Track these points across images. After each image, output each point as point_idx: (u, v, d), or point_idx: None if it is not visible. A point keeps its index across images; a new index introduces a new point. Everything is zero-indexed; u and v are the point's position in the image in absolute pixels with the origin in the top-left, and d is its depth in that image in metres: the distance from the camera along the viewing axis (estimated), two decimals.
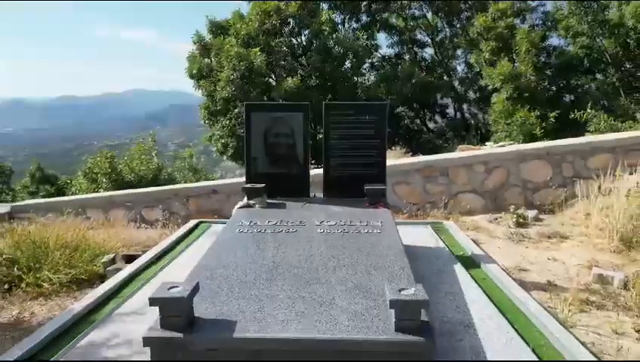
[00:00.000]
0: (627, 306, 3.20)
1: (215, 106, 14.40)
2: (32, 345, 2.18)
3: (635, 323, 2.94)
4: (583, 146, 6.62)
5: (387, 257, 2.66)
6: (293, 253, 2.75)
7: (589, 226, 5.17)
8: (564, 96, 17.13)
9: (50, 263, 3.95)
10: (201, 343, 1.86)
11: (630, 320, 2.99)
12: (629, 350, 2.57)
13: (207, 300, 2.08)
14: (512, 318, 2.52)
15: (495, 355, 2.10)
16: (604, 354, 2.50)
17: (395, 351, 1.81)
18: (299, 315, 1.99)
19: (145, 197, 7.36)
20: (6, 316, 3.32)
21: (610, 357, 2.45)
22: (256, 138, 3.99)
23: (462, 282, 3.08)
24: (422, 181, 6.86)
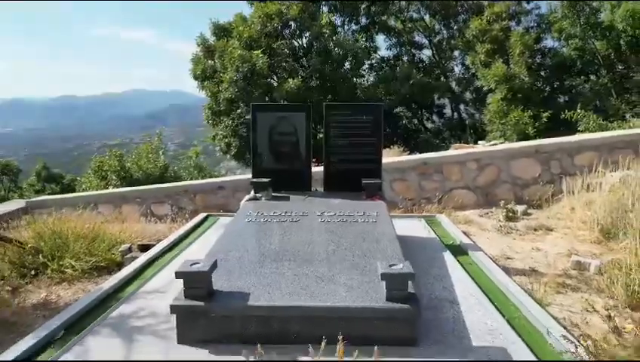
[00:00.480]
0: (600, 289, 3.47)
1: (218, 107, 14.70)
2: (69, 316, 2.47)
3: (606, 303, 3.22)
4: (570, 145, 6.89)
5: (381, 242, 2.95)
6: (297, 239, 3.03)
7: (573, 220, 5.43)
8: (558, 96, 17.44)
9: (71, 252, 4.23)
10: (219, 311, 2.14)
11: (601, 301, 3.26)
12: (589, 321, 2.85)
13: (222, 276, 2.36)
14: (492, 296, 2.81)
15: (473, 325, 2.38)
16: (572, 325, 2.78)
17: (386, 317, 2.09)
18: (303, 288, 2.28)
19: (154, 193, 7.64)
20: (35, 298, 3.60)
21: (578, 330, 2.73)
22: (261, 136, 4.28)
23: (449, 267, 3.38)
24: (417, 178, 7.13)
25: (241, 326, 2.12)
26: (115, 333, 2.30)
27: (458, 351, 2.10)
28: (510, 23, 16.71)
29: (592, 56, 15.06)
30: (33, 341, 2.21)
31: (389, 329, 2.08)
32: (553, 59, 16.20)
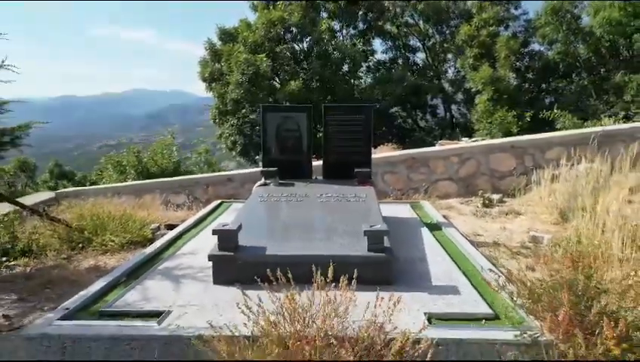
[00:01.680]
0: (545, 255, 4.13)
1: (225, 107, 15.35)
2: (126, 268, 3.14)
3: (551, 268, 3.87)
4: (541, 141, 7.55)
5: (367, 215, 3.60)
6: (301, 214, 3.70)
7: (539, 205, 6.09)
8: (545, 97, 18.07)
9: (110, 230, 4.88)
10: (243, 258, 2.80)
11: None
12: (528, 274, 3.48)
13: (244, 236, 3.01)
14: (454, 257, 3.46)
15: (436, 274, 3.04)
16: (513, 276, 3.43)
17: (367, 262, 2.75)
18: (306, 244, 2.94)
19: (171, 184, 8.29)
20: (86, 264, 4.24)
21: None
22: (270, 132, 4.93)
23: (425, 238, 4.03)
24: (406, 170, 7.78)
25: (260, 270, 2.77)
26: (165, 278, 2.97)
27: (421, 288, 2.76)
28: (499, 28, 17.34)
29: (574, 60, 15.69)
30: (103, 283, 2.87)
31: (370, 273, 2.73)
32: (539, 63, 16.86)
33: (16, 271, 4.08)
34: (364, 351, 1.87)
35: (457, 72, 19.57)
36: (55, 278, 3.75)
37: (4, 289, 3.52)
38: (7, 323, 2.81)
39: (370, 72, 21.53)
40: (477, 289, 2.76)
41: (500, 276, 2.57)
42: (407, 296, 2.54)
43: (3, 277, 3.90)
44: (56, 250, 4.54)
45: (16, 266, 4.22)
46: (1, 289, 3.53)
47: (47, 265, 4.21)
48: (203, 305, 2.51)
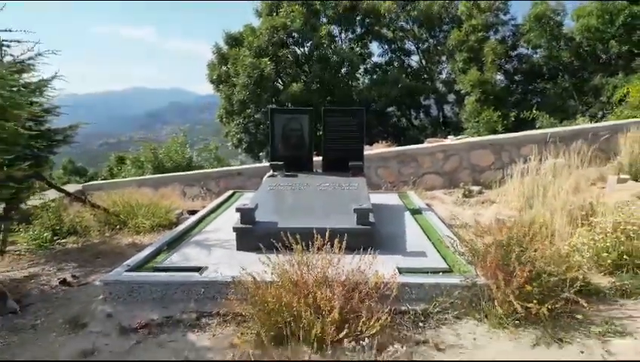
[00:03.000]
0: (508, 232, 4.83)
1: (232, 107, 16.04)
2: (165, 240, 3.84)
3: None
4: (516, 139, 8.24)
5: (358, 200, 4.30)
6: (304, 199, 4.39)
7: (511, 195, 6.78)
8: (532, 98, 18.72)
9: (140, 215, 5.58)
10: (260, 231, 3.50)
11: None
12: None
13: (260, 214, 3.71)
14: (427, 232, 4.16)
15: (411, 244, 3.74)
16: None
17: (355, 233, 3.44)
18: (308, 220, 3.64)
19: (187, 178, 8.98)
20: (125, 242, 4.93)
21: None
22: (277, 131, 5.62)
23: (406, 219, 4.73)
24: (397, 165, 8.46)
25: (273, 239, 3.48)
26: (197, 246, 3.67)
27: (397, 252, 3.46)
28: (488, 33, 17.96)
29: (557, 63, 16.34)
30: (150, 249, 3.57)
31: (358, 241, 3.42)
32: (526, 65, 17.51)
33: (68, 247, 4.78)
34: (351, 288, 2.57)
35: (449, 74, 20.24)
36: (103, 251, 4.45)
37: (63, 259, 4.22)
38: (75, 281, 3.51)
39: (367, 73, 22.21)
40: (440, 253, 3.46)
41: (456, 242, 3.28)
42: (385, 257, 3.24)
43: (58, 251, 4.60)
44: (98, 231, 5.25)
45: (66, 243, 4.93)
46: (61, 259, 4.23)
47: (93, 242, 4.91)
48: (231, 263, 3.22)
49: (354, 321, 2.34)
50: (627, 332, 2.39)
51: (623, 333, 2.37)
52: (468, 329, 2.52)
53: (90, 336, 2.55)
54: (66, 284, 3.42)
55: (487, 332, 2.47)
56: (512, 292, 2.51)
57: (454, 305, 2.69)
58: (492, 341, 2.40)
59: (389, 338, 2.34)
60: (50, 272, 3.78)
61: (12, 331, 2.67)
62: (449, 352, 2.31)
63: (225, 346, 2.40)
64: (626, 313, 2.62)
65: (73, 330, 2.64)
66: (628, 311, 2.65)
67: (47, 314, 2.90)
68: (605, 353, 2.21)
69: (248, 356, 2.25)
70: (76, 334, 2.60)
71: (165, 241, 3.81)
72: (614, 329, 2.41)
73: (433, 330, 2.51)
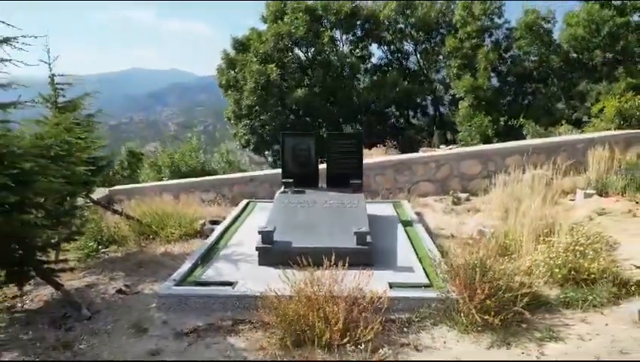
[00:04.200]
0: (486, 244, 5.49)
1: (240, 111, 16.68)
2: (198, 255, 4.53)
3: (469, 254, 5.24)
4: (502, 150, 8.88)
5: (357, 219, 4.97)
6: (312, 216, 5.07)
7: (494, 204, 7.44)
8: (522, 101, 19.24)
9: (169, 225, 6.26)
10: (277, 250, 4.19)
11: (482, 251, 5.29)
12: None
13: (276, 235, 4.40)
14: (416, 247, 4.84)
15: (401, 260, 4.42)
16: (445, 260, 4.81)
17: (355, 253, 4.13)
18: (317, 240, 4.32)
19: (203, 184, 9.64)
20: (159, 251, 5.61)
21: None
22: (287, 152, 6.29)
23: (398, 232, 5.41)
24: (393, 173, 9.11)
25: (288, 257, 4.16)
26: (226, 261, 4.37)
27: (389, 268, 4.15)
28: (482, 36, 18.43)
29: (547, 67, 16.87)
30: (189, 264, 4.26)
31: (358, 259, 4.12)
32: (516, 68, 18.00)
33: (110, 256, 5.48)
34: (352, 303, 3.25)
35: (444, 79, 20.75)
36: (143, 261, 5.14)
37: (112, 268, 4.92)
38: (128, 290, 4.22)
39: (367, 73, 22.75)
40: (424, 269, 4.15)
41: (437, 260, 3.97)
42: (379, 273, 3.94)
43: (104, 261, 5.30)
44: (133, 240, 5.94)
45: (108, 252, 5.63)
46: (109, 269, 4.93)
47: (131, 251, 5.61)
48: (256, 278, 3.91)
49: (354, 329, 3.04)
50: (560, 337, 3.08)
51: (557, 339, 3.07)
52: (441, 334, 3.21)
53: (152, 339, 3.26)
54: (121, 293, 4.12)
55: (455, 337, 3.17)
56: (474, 307, 3.20)
57: (432, 315, 3.39)
58: (458, 343, 3.09)
59: (381, 342, 3.04)
60: (104, 281, 4.48)
61: (90, 335, 3.38)
62: (425, 352, 3.01)
63: (256, 348, 3.10)
64: (564, 321, 3.31)
65: (138, 334, 3.35)
66: (566, 319, 3.34)
67: (114, 319, 3.60)
68: (540, 354, 2.90)
69: (275, 356, 2.95)
70: (141, 337, 3.31)
71: (199, 256, 4.49)
72: (551, 335, 3.10)
73: (414, 335, 3.21)
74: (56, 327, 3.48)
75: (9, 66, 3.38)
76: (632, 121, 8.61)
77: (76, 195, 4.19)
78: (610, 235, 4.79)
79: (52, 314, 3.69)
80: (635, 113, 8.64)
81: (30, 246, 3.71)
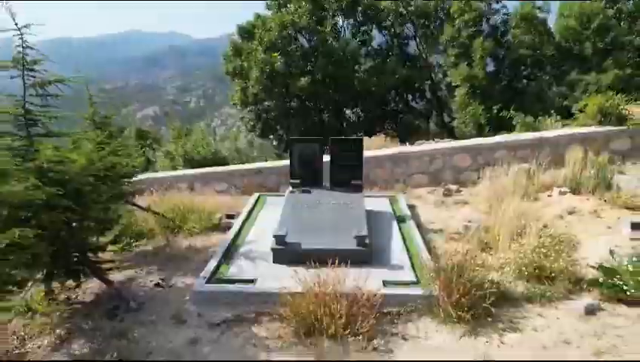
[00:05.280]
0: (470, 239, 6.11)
1: (246, 98, 17.15)
2: (222, 252, 5.18)
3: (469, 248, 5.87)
4: (491, 144, 9.43)
5: (358, 221, 5.59)
6: (318, 217, 5.70)
7: (481, 197, 8.05)
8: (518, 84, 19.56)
9: (191, 220, 6.91)
10: (289, 250, 4.84)
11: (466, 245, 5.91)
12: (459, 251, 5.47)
13: (289, 236, 5.03)
14: (407, 245, 5.47)
15: (394, 258, 5.07)
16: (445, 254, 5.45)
17: (356, 253, 4.78)
18: (322, 240, 4.96)
19: (215, 174, 10.25)
20: (184, 245, 6.26)
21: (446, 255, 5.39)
22: (295, 156, 6.88)
23: (393, 229, 6.03)
24: (391, 166, 9.69)
25: (299, 256, 4.81)
26: (246, 259, 5.02)
27: (384, 266, 4.80)
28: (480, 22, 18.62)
29: (541, 55, 17.18)
30: (214, 262, 4.91)
31: (358, 258, 4.75)
32: (512, 55, 18.28)
33: (141, 250, 6.14)
34: (352, 299, 3.91)
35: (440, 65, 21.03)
36: (171, 255, 5.79)
37: (145, 263, 5.58)
38: (164, 283, 4.89)
39: (369, 56, 22.99)
40: (413, 267, 4.80)
41: (425, 259, 4.62)
42: (375, 271, 4.59)
43: (137, 254, 5.96)
44: (160, 234, 6.60)
45: (139, 245, 6.29)
46: (143, 263, 5.59)
47: (159, 245, 6.27)
48: (272, 275, 4.57)
49: (354, 322, 3.70)
50: (518, 328, 3.75)
51: (516, 329, 3.73)
52: (424, 325, 3.88)
53: (191, 329, 3.94)
54: (158, 286, 4.80)
55: (435, 328, 3.84)
56: (451, 304, 3.86)
57: (417, 309, 4.06)
58: (437, 333, 3.77)
59: (375, 332, 3.71)
60: (142, 275, 5.15)
61: (139, 325, 4.06)
62: (410, 341, 3.68)
63: (275, 336, 3.78)
64: (524, 314, 3.97)
65: (178, 324, 4.03)
66: (526, 313, 4.01)
67: (156, 311, 4.28)
68: (500, 343, 3.57)
69: (290, 344, 3.63)
70: (181, 327, 3.99)
71: (222, 253, 5.14)
72: (511, 326, 3.77)
73: (403, 326, 3.88)
74: (109, 318, 4.16)
75: None
76: (612, 119, 9.10)
77: (119, 205, 4.81)
78: (575, 235, 5.42)
79: (104, 306, 4.37)
80: (614, 111, 9.13)
81: (84, 249, 4.36)
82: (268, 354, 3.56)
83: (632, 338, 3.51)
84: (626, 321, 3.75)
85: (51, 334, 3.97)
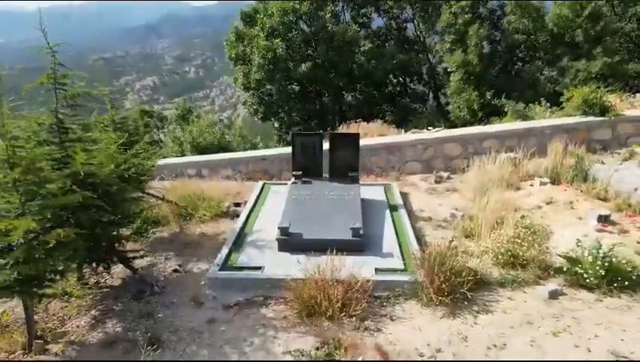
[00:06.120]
0: (455, 228, 6.58)
1: (249, 84, 17.40)
2: (232, 240, 5.67)
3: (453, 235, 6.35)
4: (480, 134, 9.82)
5: (354, 211, 6.06)
6: (318, 208, 6.17)
7: (468, 185, 8.50)
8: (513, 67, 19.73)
9: (201, 207, 7.38)
10: (292, 240, 5.33)
11: (452, 233, 6.38)
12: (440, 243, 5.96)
13: (292, 228, 5.51)
14: (398, 233, 5.95)
15: (386, 245, 5.56)
16: (432, 242, 5.94)
17: (351, 243, 5.26)
18: (321, 230, 5.45)
19: (222, 161, 10.67)
20: (196, 231, 6.75)
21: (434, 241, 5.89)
22: (297, 148, 7.30)
23: (386, 218, 6.51)
24: (386, 154, 10.11)
25: (301, 245, 5.30)
26: (254, 247, 5.51)
27: (376, 254, 5.29)
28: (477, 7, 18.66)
29: (534, 42, 17.33)
30: (226, 250, 5.41)
31: (353, 247, 5.24)
32: (507, 40, 18.42)
33: (158, 236, 6.63)
34: (347, 285, 4.41)
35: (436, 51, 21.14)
36: (185, 242, 6.28)
37: (163, 249, 6.08)
38: (182, 269, 5.40)
39: (368, 38, 23.06)
40: (403, 255, 5.30)
41: (413, 248, 5.11)
42: (368, 258, 5.09)
43: (154, 241, 6.46)
44: (174, 221, 7.08)
45: (155, 232, 6.78)
46: (161, 249, 6.09)
47: (173, 231, 6.76)
48: (277, 263, 5.07)
49: (349, 306, 4.22)
50: (490, 311, 4.26)
51: (488, 311, 4.25)
52: (409, 308, 4.40)
53: (208, 310, 4.46)
54: (177, 272, 5.31)
55: (419, 310, 4.35)
56: (433, 289, 4.37)
57: (404, 293, 4.57)
58: (421, 315, 4.28)
59: (367, 314, 4.23)
60: (161, 261, 5.65)
61: (163, 306, 4.58)
62: (396, 321, 4.20)
63: (281, 317, 4.30)
64: (496, 298, 4.49)
65: (197, 306, 4.55)
66: (498, 296, 4.52)
67: (177, 294, 4.79)
68: (474, 323, 4.09)
69: (294, 324, 4.15)
70: (199, 309, 4.51)
71: (232, 242, 5.63)
72: (484, 309, 4.29)
73: (391, 308, 4.40)
74: (137, 301, 4.69)
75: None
76: (595, 109, 9.47)
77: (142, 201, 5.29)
78: (549, 225, 5.90)
79: (131, 290, 4.89)
80: (598, 102, 9.49)
81: (113, 241, 4.85)
82: (275, 332, 4.08)
83: (585, 320, 4.03)
84: (582, 305, 4.26)
85: (87, 315, 4.49)
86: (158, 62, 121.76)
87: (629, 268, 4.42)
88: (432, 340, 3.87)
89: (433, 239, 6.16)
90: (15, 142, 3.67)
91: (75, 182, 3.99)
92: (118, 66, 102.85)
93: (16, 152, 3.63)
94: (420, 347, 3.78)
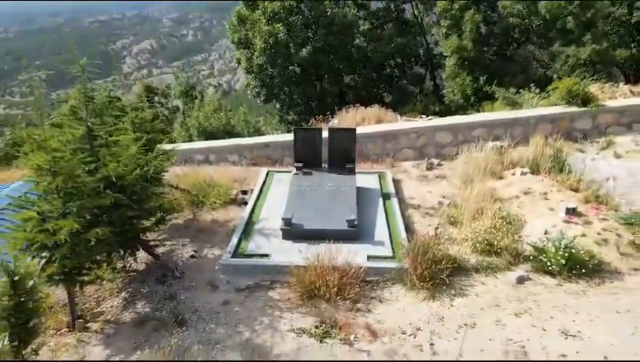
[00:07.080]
0: (442, 215, 7.12)
1: (251, 68, 17.63)
2: (241, 229, 6.22)
3: (439, 222, 6.89)
4: (470, 124, 10.22)
5: (349, 203, 6.59)
6: (318, 199, 6.69)
7: (456, 172, 8.98)
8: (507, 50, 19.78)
9: (212, 195, 7.90)
10: (294, 229, 5.88)
11: (438, 220, 6.92)
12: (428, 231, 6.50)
13: (294, 218, 6.05)
14: (389, 222, 6.49)
15: (379, 234, 6.11)
16: (419, 230, 6.49)
17: (346, 232, 5.82)
18: (321, 220, 5.99)
19: (228, 148, 11.09)
20: (208, 218, 7.28)
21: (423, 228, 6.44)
22: (298, 142, 7.77)
23: (379, 206, 7.04)
24: (382, 141, 10.54)
25: (302, 235, 5.86)
26: (261, 236, 6.07)
27: (368, 242, 5.84)
28: None
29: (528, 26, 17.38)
30: (236, 239, 5.97)
31: (349, 236, 5.80)
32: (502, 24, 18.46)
33: (174, 223, 7.18)
34: (342, 271, 4.98)
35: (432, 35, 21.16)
36: (198, 228, 6.84)
37: (179, 235, 6.64)
38: (197, 254, 5.98)
39: (366, 20, 23.00)
40: (392, 243, 5.85)
41: (401, 236, 5.67)
42: (361, 246, 5.65)
43: (171, 227, 7.00)
44: (186, 208, 7.62)
45: (171, 219, 7.32)
46: (178, 235, 6.65)
47: (187, 218, 7.31)
48: (282, 250, 5.63)
49: (343, 290, 4.80)
50: (465, 294, 4.85)
51: (463, 295, 4.84)
52: (396, 291, 4.99)
53: (222, 293, 5.05)
54: (193, 257, 5.89)
55: (404, 293, 4.94)
56: (416, 276, 4.95)
57: (392, 278, 5.15)
58: (405, 298, 4.88)
59: (359, 297, 4.82)
60: (179, 247, 6.23)
61: (183, 289, 5.17)
62: (385, 302, 4.80)
63: (285, 299, 4.89)
64: (471, 283, 5.07)
65: (212, 289, 5.14)
66: (473, 281, 5.10)
67: (194, 278, 5.38)
68: (450, 306, 4.68)
69: (297, 305, 4.75)
70: (215, 291, 5.10)
71: (241, 231, 6.19)
72: (460, 292, 4.87)
73: (380, 291, 4.99)
74: (161, 284, 5.28)
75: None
76: (577, 100, 9.86)
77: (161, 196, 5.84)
78: (523, 214, 6.44)
79: (155, 274, 5.47)
80: (581, 92, 9.86)
81: (138, 233, 5.41)
82: (281, 312, 4.69)
83: (545, 303, 4.62)
84: (544, 289, 4.85)
85: (118, 296, 5.09)
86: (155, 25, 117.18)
87: (587, 258, 4.97)
88: (413, 320, 4.47)
89: (421, 226, 6.73)
90: (55, 153, 4.16)
91: (106, 185, 4.51)
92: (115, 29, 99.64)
93: (57, 162, 4.13)
94: (402, 326, 4.38)
